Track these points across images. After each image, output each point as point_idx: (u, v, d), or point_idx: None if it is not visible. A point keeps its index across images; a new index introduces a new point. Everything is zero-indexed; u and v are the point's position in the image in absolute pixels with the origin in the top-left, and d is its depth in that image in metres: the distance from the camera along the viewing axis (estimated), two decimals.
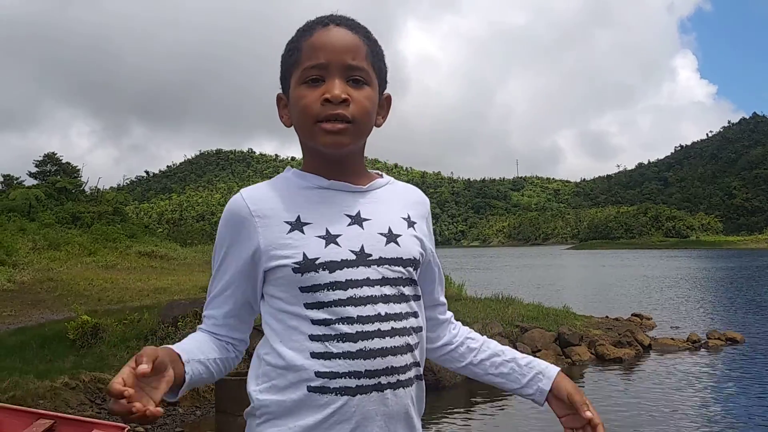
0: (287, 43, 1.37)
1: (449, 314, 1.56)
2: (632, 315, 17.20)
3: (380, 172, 1.45)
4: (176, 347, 1.26)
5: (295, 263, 1.27)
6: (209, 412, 8.16)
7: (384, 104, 1.43)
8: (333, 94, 1.26)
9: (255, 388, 1.31)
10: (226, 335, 1.39)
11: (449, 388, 9.75)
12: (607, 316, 16.21)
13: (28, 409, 5.31)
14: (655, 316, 17.55)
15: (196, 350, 1.30)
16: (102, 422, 5.21)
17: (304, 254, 1.27)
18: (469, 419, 8.60)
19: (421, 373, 1.36)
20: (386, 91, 1.43)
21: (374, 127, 1.39)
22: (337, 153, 1.33)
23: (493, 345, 1.52)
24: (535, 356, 1.54)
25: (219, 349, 1.37)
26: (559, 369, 1.46)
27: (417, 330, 1.35)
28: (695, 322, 16.86)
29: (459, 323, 1.57)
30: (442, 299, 1.54)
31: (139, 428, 7.33)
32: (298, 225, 1.30)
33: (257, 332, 1.33)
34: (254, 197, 1.34)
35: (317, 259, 1.27)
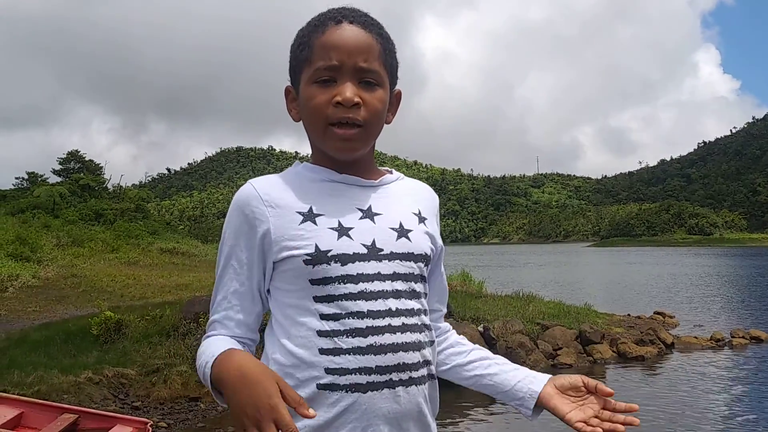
0: (297, 35, 1.34)
1: (444, 323, 1.51)
2: (655, 313, 17.02)
3: (390, 169, 1.44)
4: (229, 344, 1.24)
5: (306, 254, 1.24)
6: None
7: (394, 101, 1.40)
8: (345, 97, 1.24)
9: None
10: (245, 337, 1.32)
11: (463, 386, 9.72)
12: (629, 314, 16.06)
13: (53, 403, 5.39)
14: (678, 315, 17.35)
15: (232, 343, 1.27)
16: (125, 417, 5.27)
17: (317, 245, 1.24)
18: (489, 417, 8.57)
19: (434, 372, 1.33)
20: (397, 87, 1.40)
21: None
22: (348, 158, 1.32)
23: (484, 351, 1.48)
24: (556, 354, 1.52)
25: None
26: (549, 376, 1.39)
27: (428, 327, 1.33)
28: (719, 321, 16.65)
29: (453, 332, 1.52)
30: (440, 307, 1.50)
31: (162, 423, 7.40)
32: (310, 216, 1.27)
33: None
34: (265, 187, 1.31)
35: (329, 251, 1.24)
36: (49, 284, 17.41)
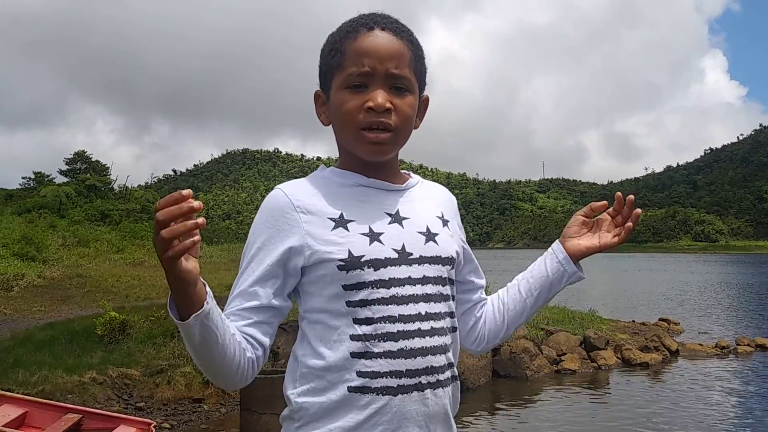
0: (329, 40, 1.36)
1: (485, 297, 1.57)
2: (659, 320, 16.95)
3: (408, 172, 1.46)
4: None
5: (340, 260, 1.25)
6: (234, 409, 8.21)
7: (422, 106, 1.42)
8: (377, 103, 1.26)
9: (293, 391, 1.29)
10: (251, 335, 1.28)
11: (473, 389, 9.73)
12: (633, 321, 16.03)
13: (57, 403, 5.40)
14: (682, 322, 17.29)
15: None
16: (129, 417, 5.28)
17: (350, 251, 1.26)
18: (494, 421, 8.55)
19: (456, 373, 1.35)
20: (425, 93, 1.42)
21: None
22: (378, 160, 1.34)
23: (505, 289, 1.56)
24: (560, 360, 1.55)
25: (240, 340, 1.25)
26: (557, 241, 1.53)
27: (452, 330, 1.35)
28: (724, 328, 16.59)
29: (484, 302, 1.57)
30: (480, 281, 1.55)
31: (165, 424, 7.41)
32: (342, 222, 1.29)
33: (282, 330, 1.31)
34: (296, 193, 1.32)
35: (362, 256, 1.26)
36: (55, 284, 17.45)
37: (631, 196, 1.42)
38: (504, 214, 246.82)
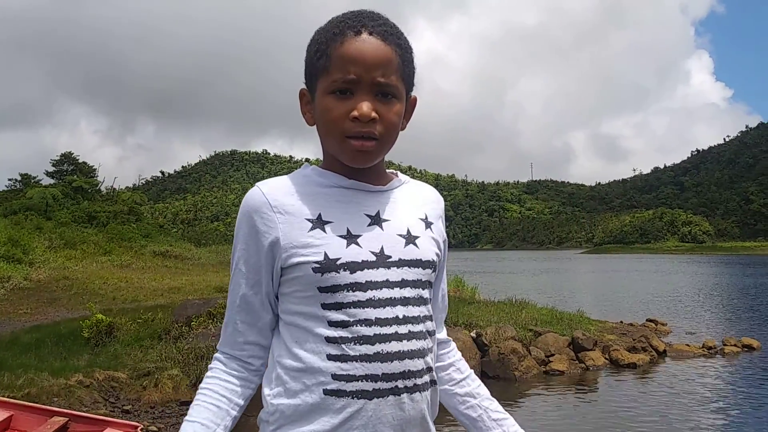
0: (314, 39, 1.32)
1: (446, 338, 1.52)
2: (647, 320, 17.04)
3: (396, 172, 1.44)
4: (211, 408, 1.28)
5: (316, 262, 1.24)
6: None
7: (409, 108, 1.39)
8: (362, 113, 1.23)
9: (269, 392, 1.28)
10: (252, 356, 1.35)
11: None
12: (621, 321, 16.09)
13: (43, 406, 5.35)
14: (670, 322, 17.40)
15: (215, 419, 1.28)
16: (115, 420, 5.24)
17: (326, 254, 1.24)
18: None
19: (435, 377, 1.33)
20: (412, 93, 1.39)
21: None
22: (363, 166, 1.32)
23: (475, 384, 1.49)
24: (548, 361, 1.53)
25: (242, 389, 1.33)
26: None
27: (431, 334, 1.33)
28: (711, 329, 16.69)
29: (454, 349, 1.52)
30: (441, 317, 1.49)
31: (152, 427, 7.36)
32: (319, 223, 1.27)
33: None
34: (274, 192, 1.31)
35: (338, 259, 1.24)
36: (41, 286, 17.33)
37: None
38: (492, 215, 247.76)
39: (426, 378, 1.29)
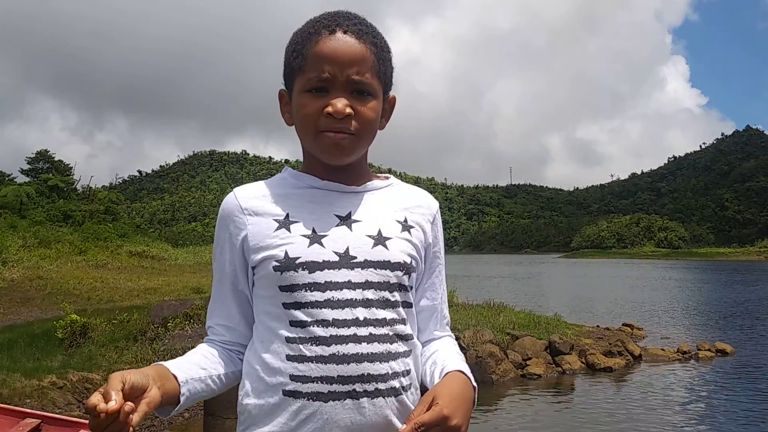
0: (292, 40, 1.32)
1: (436, 335, 1.43)
2: (623, 325, 17.22)
3: (387, 175, 1.44)
4: (171, 365, 1.23)
5: (276, 261, 1.25)
6: (197, 414, 8.11)
7: (387, 107, 1.40)
8: (336, 109, 1.24)
9: (240, 392, 1.29)
10: (235, 342, 1.37)
11: None
12: (598, 326, 16.23)
13: (15, 407, 5.26)
14: (645, 327, 17.59)
15: (195, 367, 1.28)
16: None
17: (286, 252, 1.25)
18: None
19: (412, 383, 1.28)
20: (391, 93, 1.39)
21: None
22: (339, 163, 1.32)
23: (440, 353, 1.37)
24: (525, 364, 1.50)
25: (226, 363, 1.34)
26: (458, 369, 1.27)
27: (406, 338, 1.29)
28: (686, 333, 16.89)
29: (438, 341, 1.42)
30: (431, 324, 1.42)
31: None
32: (285, 223, 1.29)
33: None
34: (246, 195, 1.35)
35: (298, 258, 1.25)
36: (14, 286, 17.11)
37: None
38: (471, 219, 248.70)
39: (393, 383, 1.23)
